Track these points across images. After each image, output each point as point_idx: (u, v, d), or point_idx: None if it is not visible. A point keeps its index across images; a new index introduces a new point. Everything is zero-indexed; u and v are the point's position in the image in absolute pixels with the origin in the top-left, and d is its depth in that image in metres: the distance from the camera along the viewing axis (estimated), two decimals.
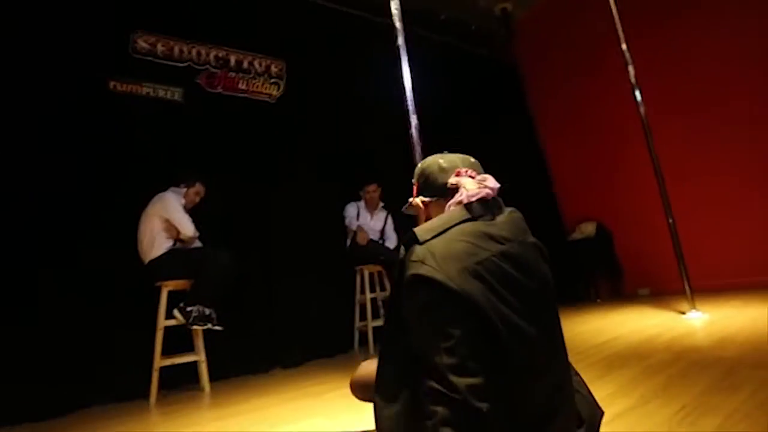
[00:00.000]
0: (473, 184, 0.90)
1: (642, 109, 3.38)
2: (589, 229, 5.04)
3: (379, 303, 3.62)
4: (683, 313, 3.13)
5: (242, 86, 3.44)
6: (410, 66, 1.92)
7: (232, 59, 3.44)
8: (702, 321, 2.87)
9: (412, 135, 1.70)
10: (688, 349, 2.14)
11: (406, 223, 3.86)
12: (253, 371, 2.96)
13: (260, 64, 3.55)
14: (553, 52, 5.64)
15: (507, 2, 5.66)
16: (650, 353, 2.12)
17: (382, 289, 3.62)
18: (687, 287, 3.10)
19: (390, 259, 3.31)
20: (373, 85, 3.72)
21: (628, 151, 4.64)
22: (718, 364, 1.76)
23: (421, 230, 0.83)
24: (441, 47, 5.09)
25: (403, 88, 1.83)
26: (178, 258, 2.64)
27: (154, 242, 2.61)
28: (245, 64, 3.49)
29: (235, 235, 3.18)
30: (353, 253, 3.50)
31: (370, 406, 0.89)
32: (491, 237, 0.81)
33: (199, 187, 2.88)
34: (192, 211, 2.81)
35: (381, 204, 3.69)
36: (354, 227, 3.52)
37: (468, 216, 0.84)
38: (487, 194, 0.88)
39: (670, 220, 3.20)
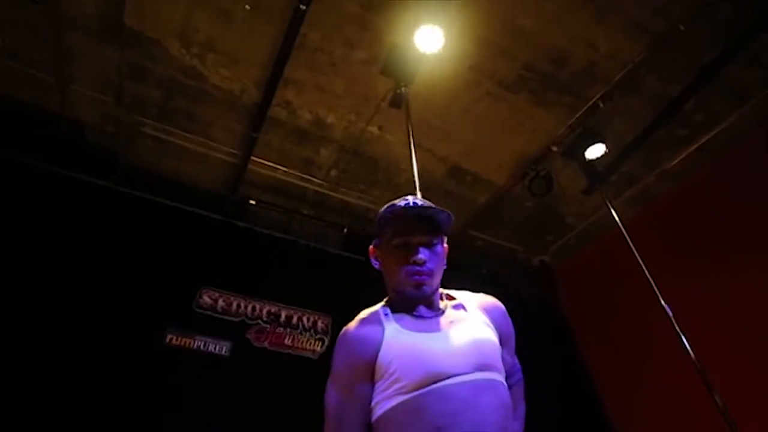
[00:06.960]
0: None
1: (693, 355, 3.23)
2: None
3: None
4: None
5: (288, 341, 3.56)
6: None
7: (283, 314, 3.67)
8: None
9: None
10: None
11: None
12: None
13: (308, 320, 3.74)
14: (594, 300, 5.62)
15: (545, 255, 6.04)
16: None
17: None
18: None
19: None
20: None
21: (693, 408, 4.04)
22: None
23: None
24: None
25: None
26: None
27: None
28: (294, 320, 3.69)
29: None
30: None
31: None
32: None
33: None
34: None
35: None
36: None
37: None
38: None
39: None
